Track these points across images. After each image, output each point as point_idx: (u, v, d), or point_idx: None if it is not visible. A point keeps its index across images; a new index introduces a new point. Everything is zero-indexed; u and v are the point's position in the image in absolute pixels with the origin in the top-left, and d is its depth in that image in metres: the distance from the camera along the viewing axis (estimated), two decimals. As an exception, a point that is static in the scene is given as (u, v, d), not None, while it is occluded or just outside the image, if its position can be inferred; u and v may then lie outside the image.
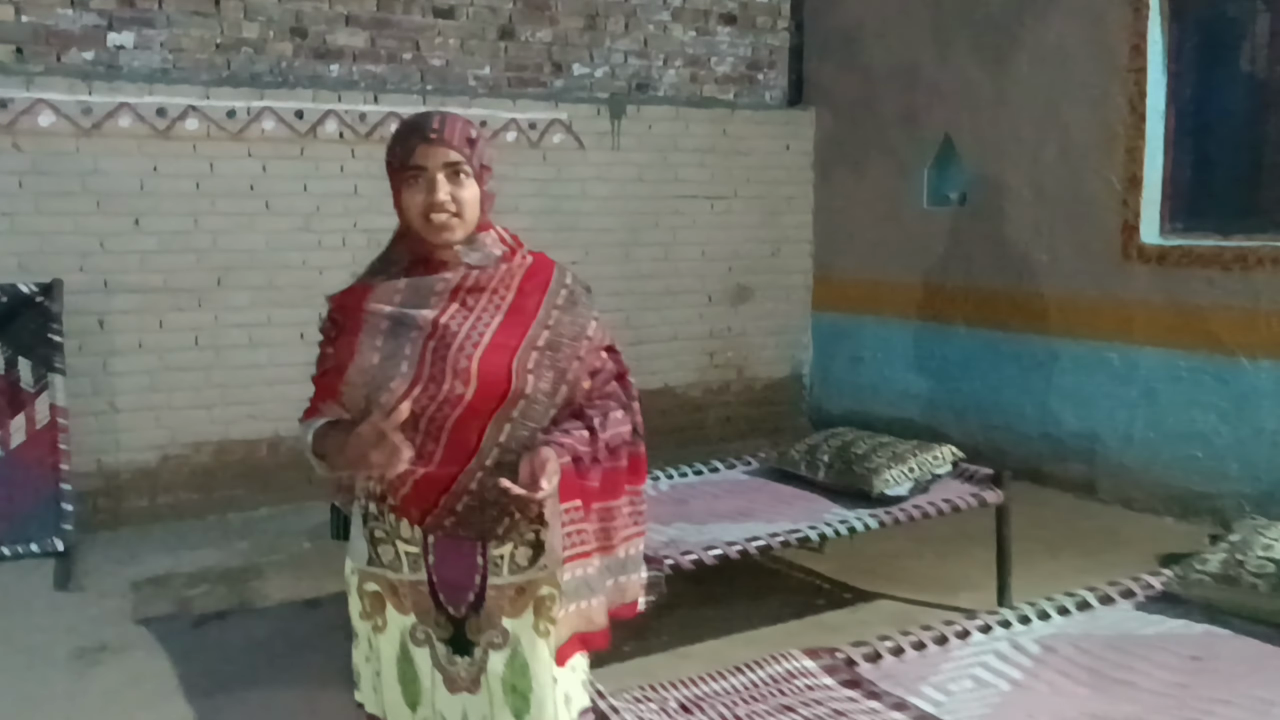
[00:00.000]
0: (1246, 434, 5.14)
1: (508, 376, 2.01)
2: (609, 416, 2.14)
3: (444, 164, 2.03)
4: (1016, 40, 6.07)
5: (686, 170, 7.15)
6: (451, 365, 2.00)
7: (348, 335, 2.07)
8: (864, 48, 7.08)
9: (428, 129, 2.03)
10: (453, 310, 2.04)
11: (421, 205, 2.03)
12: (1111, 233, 5.65)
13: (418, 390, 2.00)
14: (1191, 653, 2.81)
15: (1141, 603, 3.18)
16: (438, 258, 2.08)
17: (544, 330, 2.08)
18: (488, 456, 2.06)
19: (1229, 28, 5.39)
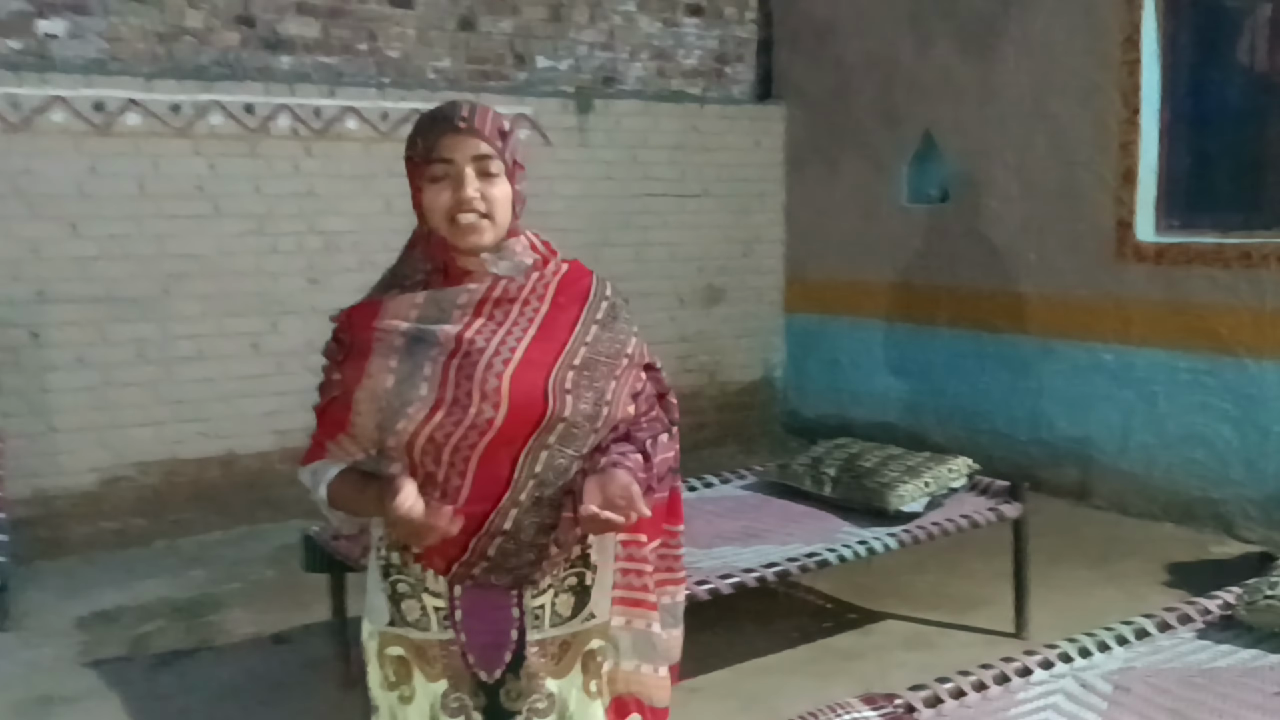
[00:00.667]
0: (1252, 437, 4.99)
1: (544, 398, 1.75)
2: (658, 441, 1.89)
3: (473, 157, 1.76)
4: (1001, 31, 5.88)
5: (656, 168, 6.86)
6: (479, 386, 1.74)
7: (357, 357, 1.80)
8: (837, 40, 6.85)
9: (456, 117, 1.76)
10: (478, 324, 1.78)
11: (447, 204, 1.77)
12: (1105, 230, 5.47)
13: (440, 415, 1.73)
14: (1275, 688, 2.59)
15: (1203, 629, 2.96)
16: (461, 267, 1.81)
17: (581, 347, 1.82)
18: (522, 490, 1.79)
19: (1226, 18, 5.24)
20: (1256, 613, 2.85)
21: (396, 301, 1.81)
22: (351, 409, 1.80)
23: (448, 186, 1.78)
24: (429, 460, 1.76)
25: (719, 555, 3.66)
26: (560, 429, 1.79)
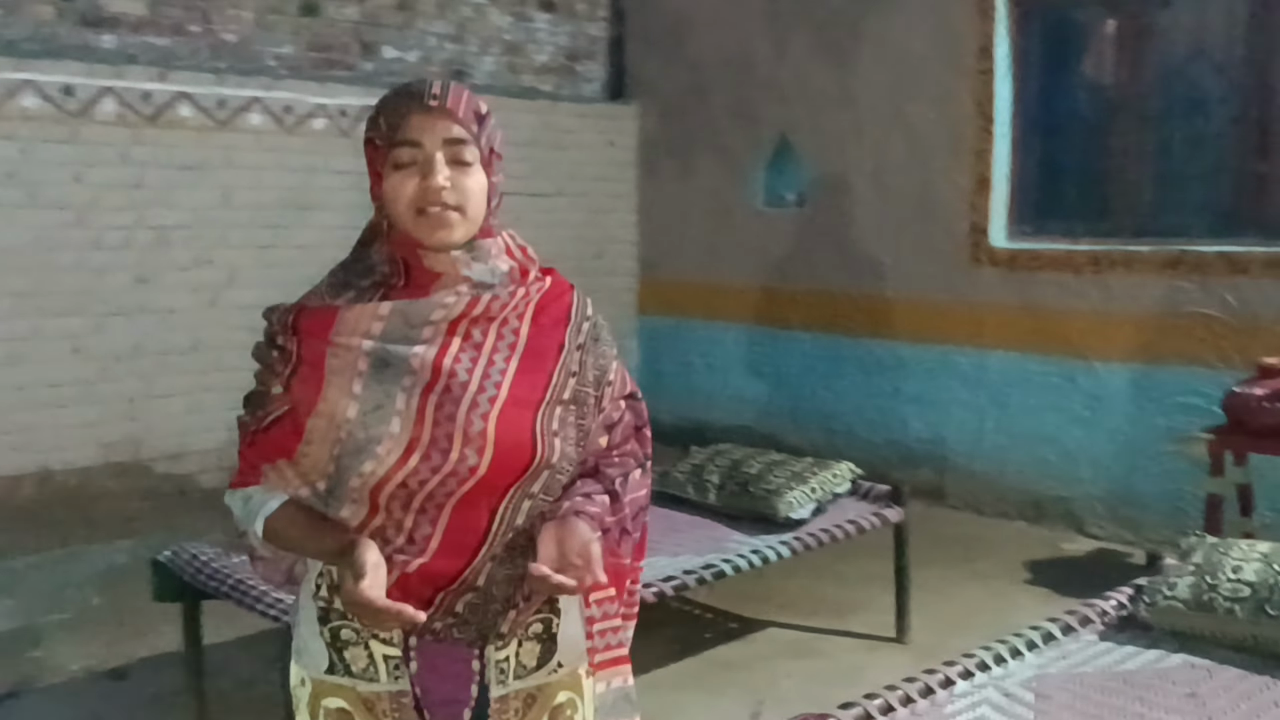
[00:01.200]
0: (1100, 437, 5.18)
1: (531, 442, 1.54)
2: (629, 478, 1.70)
3: (445, 141, 1.53)
4: (859, 36, 5.94)
5: (509, 165, 6.50)
6: (461, 428, 1.50)
7: (308, 374, 1.53)
8: (692, 40, 6.80)
9: (425, 94, 1.53)
10: (455, 349, 1.53)
11: (413, 193, 1.52)
12: (960, 235, 5.59)
13: (415, 459, 1.50)
14: (1185, 689, 2.62)
15: (1103, 631, 2.99)
16: (428, 268, 1.56)
17: (569, 379, 1.61)
18: (499, 543, 1.58)
19: (1074, 31, 5.43)
20: (1158, 613, 2.89)
21: (356, 312, 1.54)
22: (301, 436, 1.54)
23: (414, 174, 1.53)
24: (396, 506, 1.53)
25: (610, 569, 3.49)
26: (545, 476, 1.58)
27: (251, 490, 1.61)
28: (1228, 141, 4.89)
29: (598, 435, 1.68)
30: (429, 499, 1.52)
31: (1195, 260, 4.80)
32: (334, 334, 1.52)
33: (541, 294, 1.63)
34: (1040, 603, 4.51)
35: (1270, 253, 4.61)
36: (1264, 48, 4.70)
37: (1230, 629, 2.78)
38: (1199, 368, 4.83)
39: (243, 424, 1.62)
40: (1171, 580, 2.94)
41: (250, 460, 1.61)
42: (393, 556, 1.52)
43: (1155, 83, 5.07)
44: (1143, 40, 5.06)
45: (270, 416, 1.58)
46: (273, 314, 1.58)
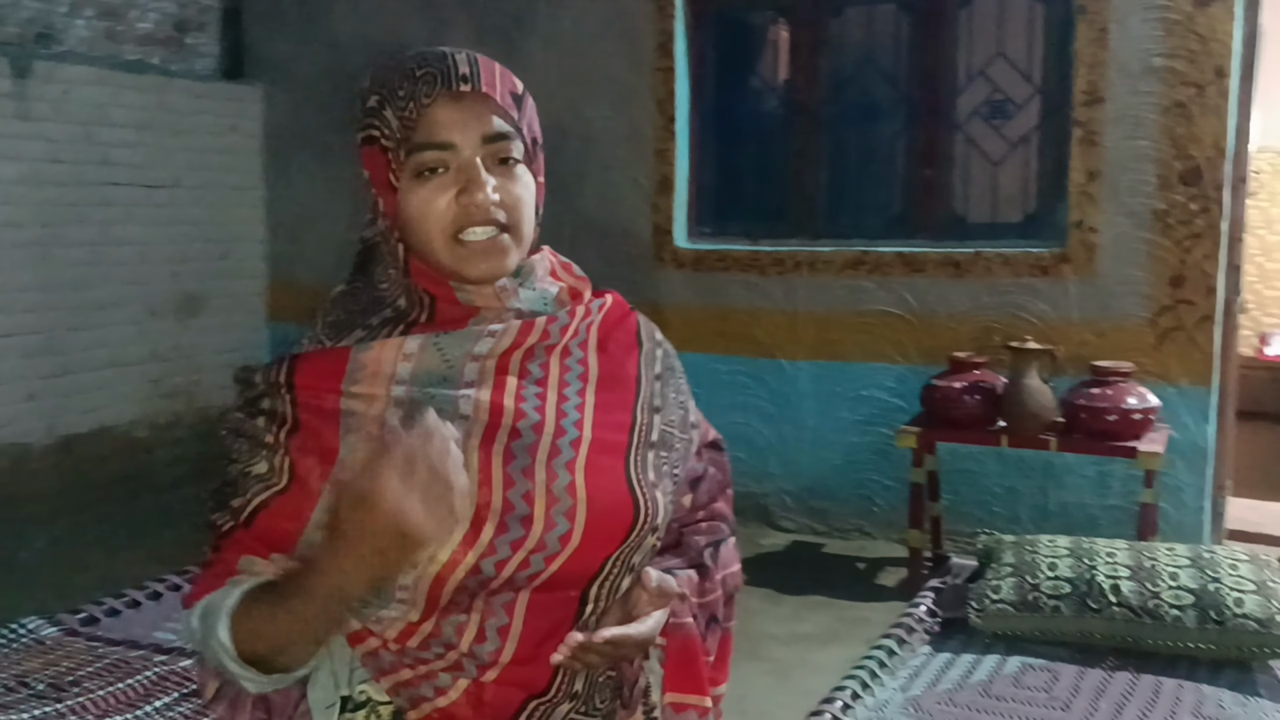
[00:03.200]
0: (788, 433, 5.29)
1: (630, 496, 1.15)
2: (721, 549, 1.35)
3: (485, 138, 1.12)
4: (527, 25, 5.63)
5: (118, 151, 5.60)
6: (544, 485, 1.11)
7: (311, 435, 1.11)
8: (330, 19, 6.13)
9: (453, 75, 1.12)
10: (513, 386, 1.15)
11: (449, 213, 1.12)
12: (643, 236, 5.48)
13: (487, 534, 1.08)
14: (1042, 693, 2.63)
15: (933, 640, 2.97)
16: (463, 303, 1.16)
17: (653, 415, 1.24)
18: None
19: (751, 35, 5.50)
20: (989, 618, 2.91)
21: (374, 352, 1.13)
22: (306, 520, 1.09)
23: (446, 185, 1.12)
24: (464, 598, 1.10)
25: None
26: (650, 542, 1.19)
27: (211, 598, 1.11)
28: (899, 147, 5.17)
29: (681, 494, 1.31)
30: (507, 584, 1.10)
31: (875, 260, 5.02)
32: (346, 383, 1.12)
33: (605, 314, 1.25)
34: (770, 604, 4.51)
35: (943, 252, 4.92)
36: (928, 59, 5.01)
37: (1056, 627, 2.86)
38: (881, 363, 5.07)
39: (213, 527, 1.15)
40: (995, 583, 2.97)
41: (226, 564, 1.13)
42: (462, 663, 1.11)
43: (830, 89, 5.26)
44: (817, 47, 5.22)
45: (254, 502, 1.11)
46: (252, 374, 1.17)
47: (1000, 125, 4.96)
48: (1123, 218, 4.55)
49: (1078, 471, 4.71)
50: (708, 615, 1.29)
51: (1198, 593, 2.76)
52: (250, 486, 1.12)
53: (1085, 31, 4.55)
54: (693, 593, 1.26)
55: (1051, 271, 4.69)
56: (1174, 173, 4.45)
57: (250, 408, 1.15)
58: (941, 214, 5.07)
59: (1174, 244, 4.47)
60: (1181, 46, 4.40)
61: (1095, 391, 4.17)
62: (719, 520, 1.37)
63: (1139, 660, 2.76)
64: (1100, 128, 4.55)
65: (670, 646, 1.21)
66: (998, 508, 4.87)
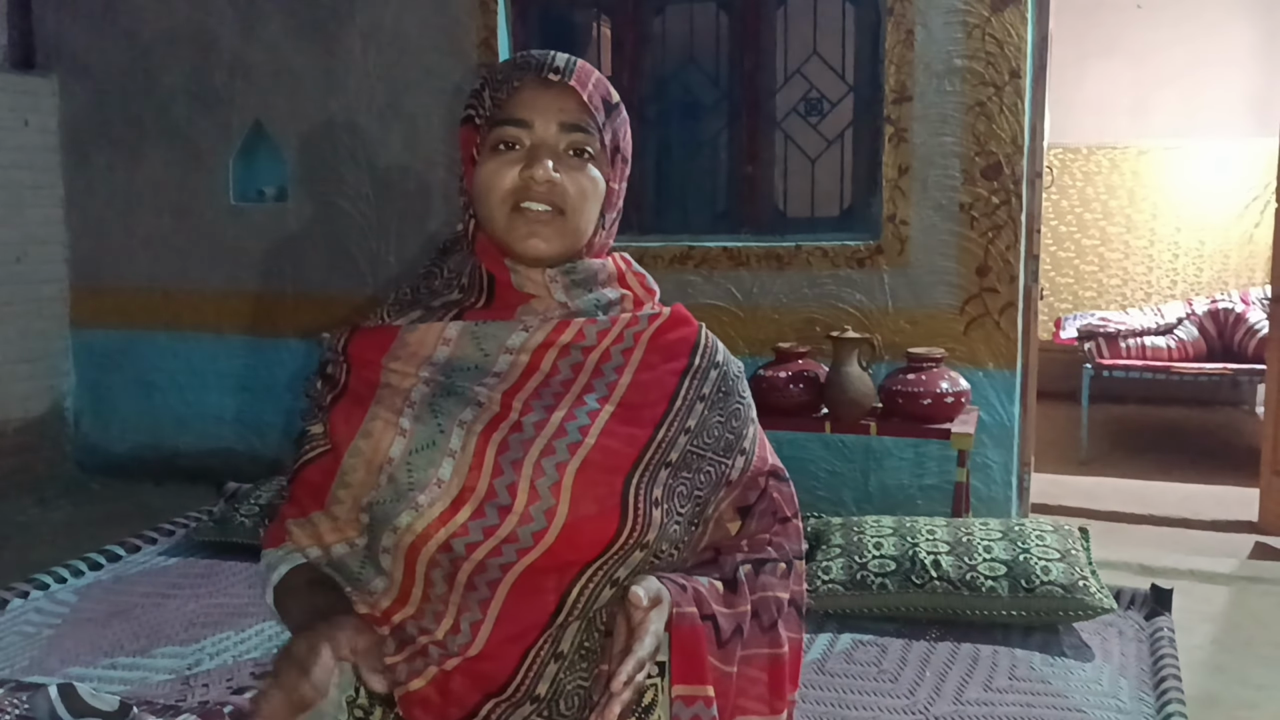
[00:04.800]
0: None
1: (619, 509, 1.20)
2: (765, 569, 1.33)
3: (561, 125, 1.23)
4: (344, 18, 5.50)
5: (-106, 146, 5.19)
6: (529, 479, 1.18)
7: (352, 404, 1.26)
8: (131, 8, 5.83)
9: (545, 66, 1.25)
10: (535, 382, 1.23)
11: (511, 183, 1.22)
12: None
13: (465, 514, 1.16)
14: (873, 669, 2.75)
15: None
16: (516, 287, 1.24)
17: (681, 435, 1.27)
18: (566, 639, 1.21)
19: (574, 32, 5.51)
20: (820, 599, 3.02)
21: (419, 333, 1.26)
22: (335, 477, 1.24)
23: (517, 160, 1.22)
24: (438, 579, 1.16)
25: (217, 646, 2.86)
26: (636, 558, 1.21)
27: (275, 555, 1.31)
28: (721, 144, 5.28)
29: (726, 521, 1.33)
30: (480, 572, 1.16)
31: (701, 255, 5.12)
32: (388, 358, 1.26)
33: (657, 327, 1.30)
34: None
35: (764, 246, 5.06)
36: (748, 57, 5.14)
37: (883, 602, 3.00)
38: (709, 354, 5.17)
39: (288, 476, 1.35)
40: (825, 564, 3.09)
41: (283, 512, 1.33)
42: (429, 650, 1.16)
43: (653, 86, 5.32)
44: (639, 44, 5.28)
45: (304, 459, 1.30)
46: (327, 338, 1.35)
47: (816, 122, 5.13)
48: (931, 211, 4.78)
49: (896, 454, 4.92)
50: (733, 625, 1.26)
51: (1009, 564, 2.93)
52: (310, 446, 1.29)
53: (893, 33, 4.75)
54: (713, 598, 1.24)
55: (867, 263, 4.89)
56: (977, 168, 4.69)
57: (320, 371, 1.31)
58: (764, 209, 5.21)
59: (979, 235, 4.72)
60: (980, 49, 4.64)
61: (910, 377, 4.36)
62: (767, 546, 1.35)
63: (959, 630, 2.93)
64: (909, 125, 4.76)
65: (674, 638, 1.19)
66: (822, 491, 5.05)
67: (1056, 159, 8.40)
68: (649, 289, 1.36)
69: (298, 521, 1.29)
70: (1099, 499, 5.65)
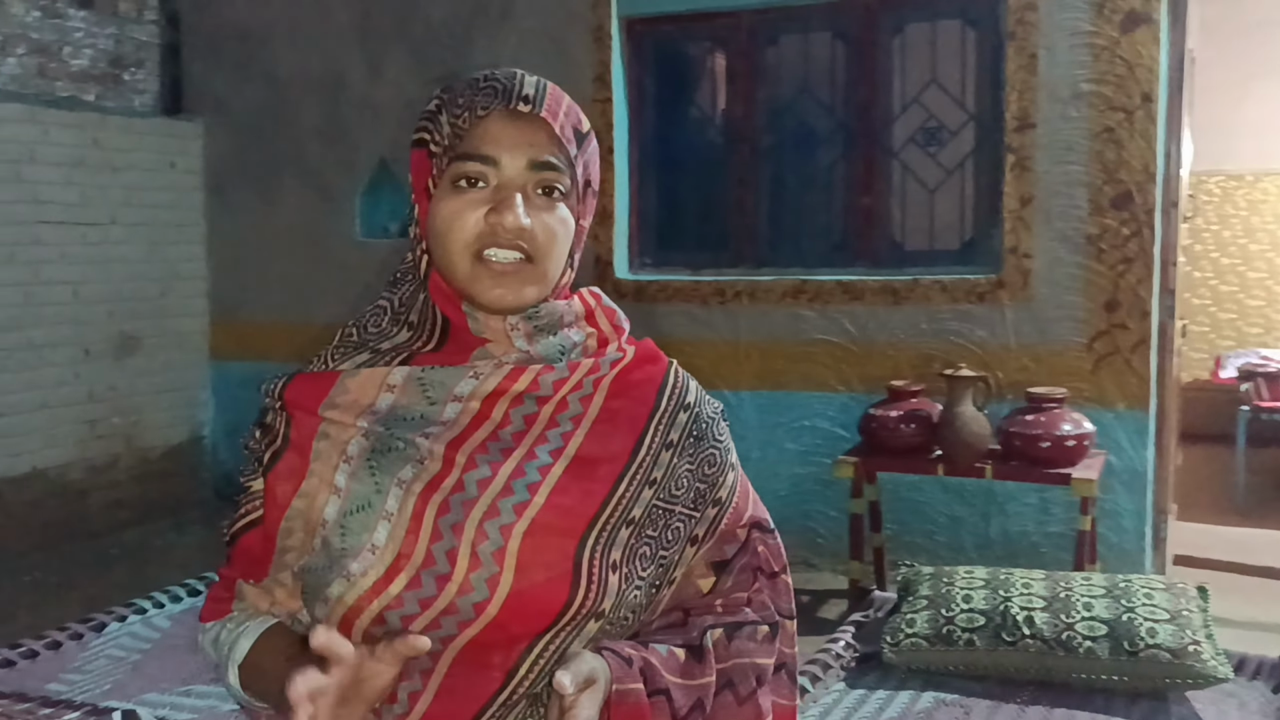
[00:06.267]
0: (732, 464, 5.22)
1: (571, 576, 1.07)
2: (739, 634, 1.19)
3: (533, 163, 1.09)
4: (465, 58, 5.60)
5: (49, 189, 5.53)
6: (470, 544, 1.05)
7: (292, 458, 1.13)
8: (268, 52, 6.09)
9: (515, 93, 1.09)
10: (483, 434, 1.10)
11: (475, 228, 1.09)
12: (584, 267, 5.39)
13: (400, 583, 1.05)
14: (958, 730, 2.56)
15: (847, 677, 2.89)
16: (473, 332, 1.12)
17: (643, 490, 1.14)
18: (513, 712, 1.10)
19: (688, 64, 5.48)
20: (902, 653, 2.84)
21: (360, 378, 1.13)
22: (276, 542, 1.12)
23: (480, 200, 1.08)
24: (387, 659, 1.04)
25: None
26: (591, 629, 1.09)
27: (224, 625, 1.17)
28: (837, 175, 5.15)
29: (697, 577, 1.19)
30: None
31: (815, 289, 4.98)
32: (324, 407, 1.13)
33: (620, 369, 1.17)
34: (708, 641, 4.44)
35: (881, 280, 4.89)
36: (864, 87, 5.00)
37: (971, 660, 2.79)
38: (823, 391, 5.02)
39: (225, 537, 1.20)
40: (909, 616, 2.91)
41: (224, 575, 1.19)
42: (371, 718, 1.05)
43: (767, 117, 5.23)
44: (753, 76, 5.20)
45: (242, 522, 1.17)
46: (265, 385, 1.20)
47: (935, 152, 4.94)
48: (1056, 243, 4.53)
49: (1019, 499, 4.66)
50: (692, 698, 1.13)
51: (1111, 623, 2.70)
52: (244, 504, 1.16)
53: (1015, 57, 4.54)
54: (669, 669, 1.11)
55: (988, 298, 4.66)
56: (1105, 197, 4.43)
57: (259, 421, 1.18)
58: (880, 241, 5.04)
59: (1107, 268, 4.44)
60: (1109, 72, 4.39)
61: (1029, 418, 4.13)
62: (745, 607, 1.21)
63: (1054, 693, 2.70)
64: (1032, 153, 4.53)
65: (614, 713, 1.07)
66: (941, 537, 4.81)
67: (1217, 187, 7.91)
68: (618, 326, 1.22)
69: (249, 584, 1.17)
70: (1253, 552, 5.21)
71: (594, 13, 5.31)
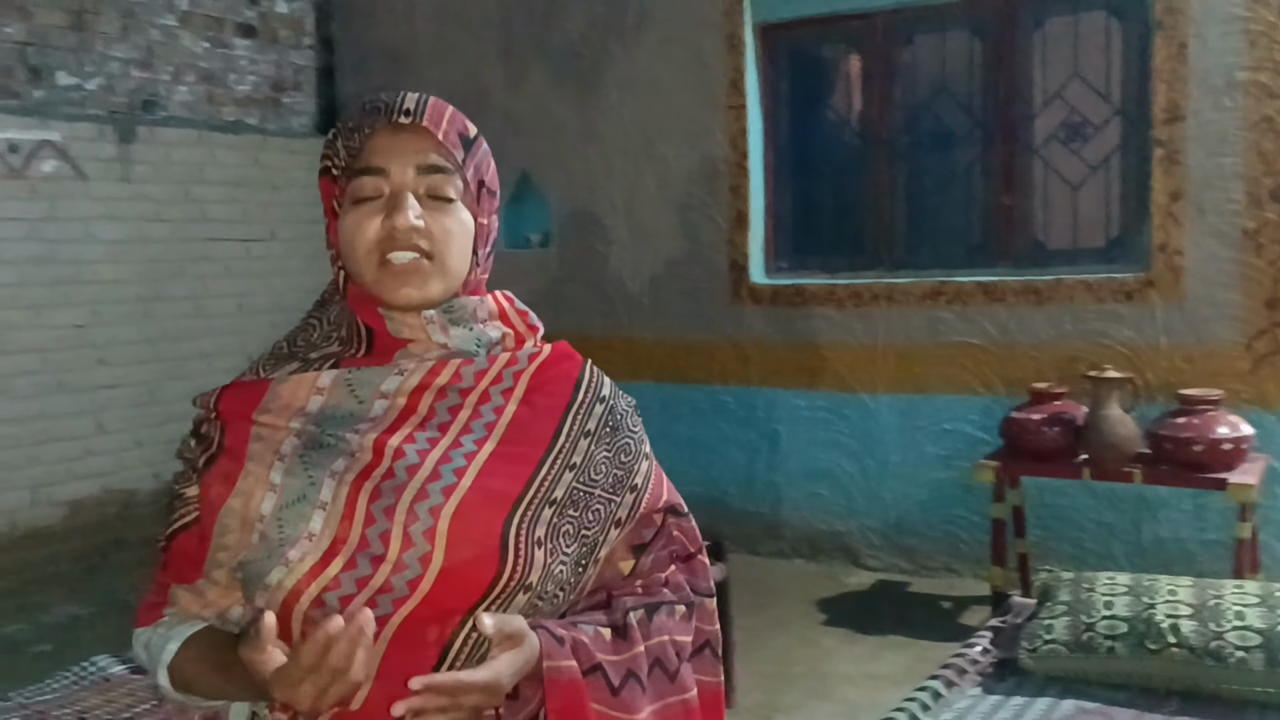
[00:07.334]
0: (872, 468, 5.19)
1: (499, 550, 1.15)
2: (659, 613, 1.27)
3: (419, 168, 1.18)
4: (603, 70, 5.72)
5: (215, 207, 5.89)
6: (402, 526, 1.14)
7: (226, 463, 1.20)
8: (415, 71, 6.34)
9: (394, 109, 1.20)
10: (410, 426, 1.19)
11: (375, 235, 1.18)
12: (720, 273, 5.47)
13: (336, 566, 1.13)
14: (1097, 739, 2.51)
15: (984, 682, 2.86)
16: (393, 334, 1.21)
17: (565, 472, 1.23)
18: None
19: (822, 68, 5.47)
20: (1040, 659, 2.79)
21: (291, 384, 1.22)
22: (211, 541, 1.18)
23: (377, 210, 1.18)
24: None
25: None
26: (521, 601, 1.17)
27: (154, 630, 1.23)
28: (976, 174, 5.06)
29: (619, 559, 1.28)
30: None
31: (954, 291, 4.91)
32: (258, 412, 1.21)
33: (538, 364, 1.26)
34: (847, 644, 4.42)
35: (1022, 281, 4.78)
36: (1003, 84, 4.90)
37: (1112, 668, 2.72)
38: (964, 395, 4.94)
39: (160, 545, 1.26)
40: (1048, 623, 2.85)
41: (158, 582, 1.25)
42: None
43: (903, 118, 5.18)
44: (889, 76, 5.16)
45: (176, 525, 1.23)
46: (199, 398, 1.27)
47: (1079, 148, 4.80)
48: (1210, 238, 4.36)
49: (1174, 505, 4.49)
50: (623, 672, 1.21)
51: (1266, 633, 2.59)
52: (178, 509, 1.23)
53: (1163, 48, 4.39)
54: (598, 647, 1.20)
55: (1137, 297, 4.51)
56: (1263, 190, 4.24)
57: (193, 431, 1.25)
58: (1021, 241, 4.93)
59: (1267, 264, 4.25)
60: (1266, 59, 4.20)
61: (1181, 421, 3.98)
62: (663, 587, 1.29)
63: (1203, 705, 2.61)
64: (1183, 146, 4.37)
65: (549, 691, 1.15)
66: (1089, 543, 4.68)
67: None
68: (532, 326, 1.31)
69: (182, 587, 1.22)
70: None
71: (728, 19, 5.35)
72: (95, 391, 5.37)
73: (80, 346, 5.31)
